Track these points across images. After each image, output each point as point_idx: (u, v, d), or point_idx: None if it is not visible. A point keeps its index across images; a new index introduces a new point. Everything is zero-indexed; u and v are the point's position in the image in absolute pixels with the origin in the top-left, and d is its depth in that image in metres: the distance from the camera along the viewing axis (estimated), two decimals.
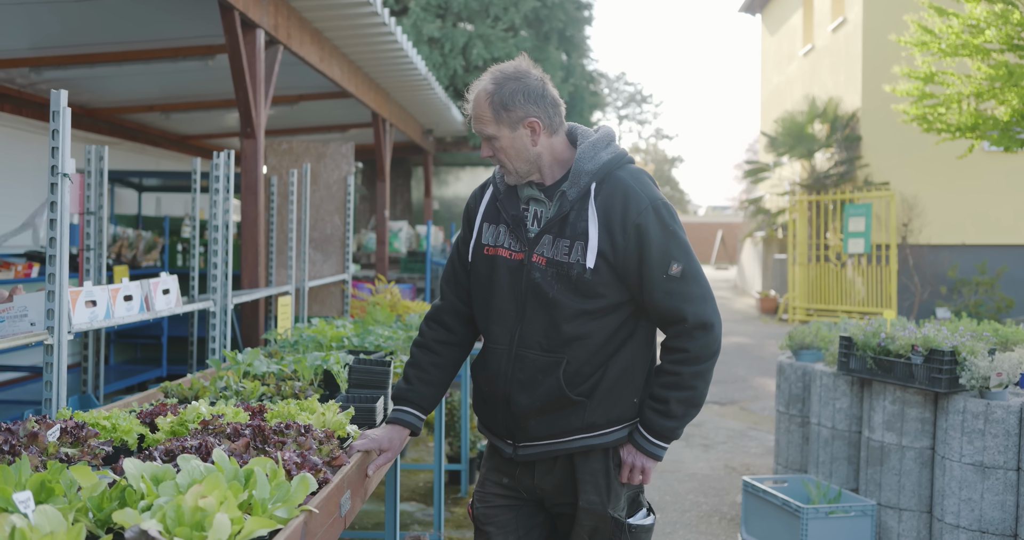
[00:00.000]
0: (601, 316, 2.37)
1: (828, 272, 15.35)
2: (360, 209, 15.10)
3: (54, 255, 2.76)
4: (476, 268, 2.52)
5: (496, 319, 2.45)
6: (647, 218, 2.34)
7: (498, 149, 2.40)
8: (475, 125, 2.42)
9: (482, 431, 2.63)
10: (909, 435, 4.51)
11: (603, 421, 2.40)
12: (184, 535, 1.48)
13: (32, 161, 8.13)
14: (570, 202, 2.37)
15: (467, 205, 2.64)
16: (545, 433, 2.42)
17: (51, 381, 2.76)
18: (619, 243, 2.33)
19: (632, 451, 2.43)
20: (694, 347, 2.36)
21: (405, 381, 2.59)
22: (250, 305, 5.49)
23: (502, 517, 2.55)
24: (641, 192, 2.37)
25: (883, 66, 14.05)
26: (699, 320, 2.35)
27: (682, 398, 2.38)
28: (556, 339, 2.37)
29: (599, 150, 2.43)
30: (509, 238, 2.45)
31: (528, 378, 2.39)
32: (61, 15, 5.71)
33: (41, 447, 2.06)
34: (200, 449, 1.96)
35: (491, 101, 2.37)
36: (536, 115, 2.38)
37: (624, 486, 2.46)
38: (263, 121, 5.46)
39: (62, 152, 2.73)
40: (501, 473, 2.56)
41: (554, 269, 2.37)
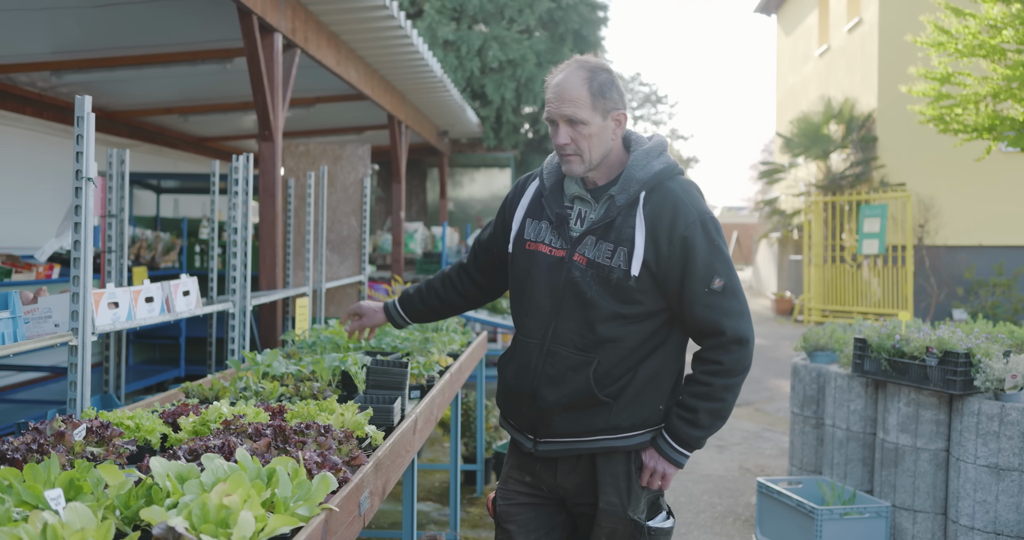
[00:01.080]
0: (636, 321, 2.40)
1: (844, 273, 15.31)
2: (376, 210, 15.16)
3: (78, 258, 2.81)
4: (515, 261, 2.55)
5: (531, 313, 2.48)
6: (695, 231, 2.37)
7: (584, 135, 2.38)
8: (564, 108, 2.38)
9: (503, 425, 2.66)
10: (924, 437, 4.52)
11: (628, 424, 2.42)
12: (210, 532, 1.52)
13: (53, 163, 8.21)
14: (618, 208, 2.39)
15: (508, 196, 2.67)
16: (569, 430, 2.44)
17: (75, 381, 2.81)
18: (664, 254, 2.36)
19: (655, 456, 2.46)
20: (728, 360, 2.40)
21: (416, 288, 2.93)
22: (268, 306, 5.54)
23: (524, 515, 2.56)
24: (691, 205, 2.40)
25: (899, 67, 14.01)
26: (736, 335, 2.39)
27: (711, 409, 2.41)
28: (590, 339, 2.39)
29: (652, 159, 2.45)
30: (551, 235, 2.48)
31: (558, 374, 2.42)
32: (82, 20, 5.79)
33: (68, 446, 2.11)
34: (223, 448, 2.00)
35: (589, 86, 2.37)
36: (623, 109, 2.42)
37: (644, 489, 2.48)
38: (281, 124, 5.51)
39: (86, 156, 2.78)
40: (523, 471, 2.57)
41: (594, 270, 2.40)
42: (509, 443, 2.67)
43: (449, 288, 2.87)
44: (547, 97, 2.44)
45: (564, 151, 2.42)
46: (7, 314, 2.69)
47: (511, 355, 2.55)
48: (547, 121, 2.45)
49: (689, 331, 2.47)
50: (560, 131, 2.40)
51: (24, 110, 7.68)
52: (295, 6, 5.71)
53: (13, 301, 2.73)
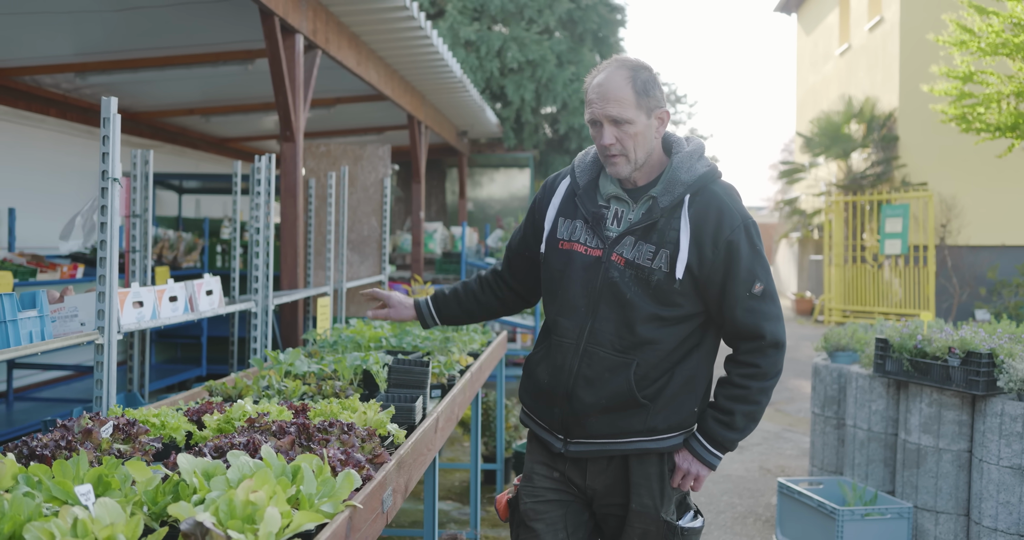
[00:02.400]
0: (674, 324, 2.39)
1: (865, 273, 15.23)
2: (395, 210, 15.21)
3: (104, 257, 2.84)
4: (548, 261, 2.53)
5: (566, 313, 2.45)
6: (739, 236, 2.37)
7: (630, 134, 2.36)
8: (610, 108, 2.34)
9: (527, 424, 2.62)
10: (946, 438, 4.49)
11: (664, 426, 2.41)
12: (236, 527, 1.54)
13: (76, 164, 8.29)
14: (661, 209, 2.37)
15: (537, 196, 2.64)
16: (604, 432, 2.42)
17: (102, 379, 2.84)
18: (707, 257, 2.36)
19: (689, 458, 2.45)
20: (765, 364, 2.40)
21: (452, 289, 2.85)
22: (289, 306, 5.57)
23: (553, 512, 2.53)
24: (735, 209, 2.40)
25: (921, 65, 13.92)
26: (775, 339, 2.40)
27: (746, 412, 2.42)
28: (629, 340, 2.38)
29: (694, 161, 2.43)
30: (586, 234, 2.45)
31: (595, 375, 2.39)
32: (105, 22, 5.84)
33: (95, 443, 2.14)
34: (248, 446, 2.03)
35: (633, 84, 2.34)
36: (666, 107, 2.41)
37: (674, 490, 2.47)
38: (302, 124, 5.54)
39: (112, 157, 2.81)
40: (551, 468, 2.53)
41: (633, 271, 2.38)
42: (529, 439, 2.64)
43: (488, 292, 2.84)
44: (589, 98, 2.39)
45: (609, 152, 2.38)
46: (34, 313, 2.72)
47: (543, 355, 2.52)
48: (590, 123, 2.41)
49: (726, 334, 2.47)
50: (605, 132, 2.37)
51: (49, 111, 7.76)
52: (316, 7, 5.74)
53: (40, 300, 2.76)
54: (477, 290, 2.84)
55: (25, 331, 2.66)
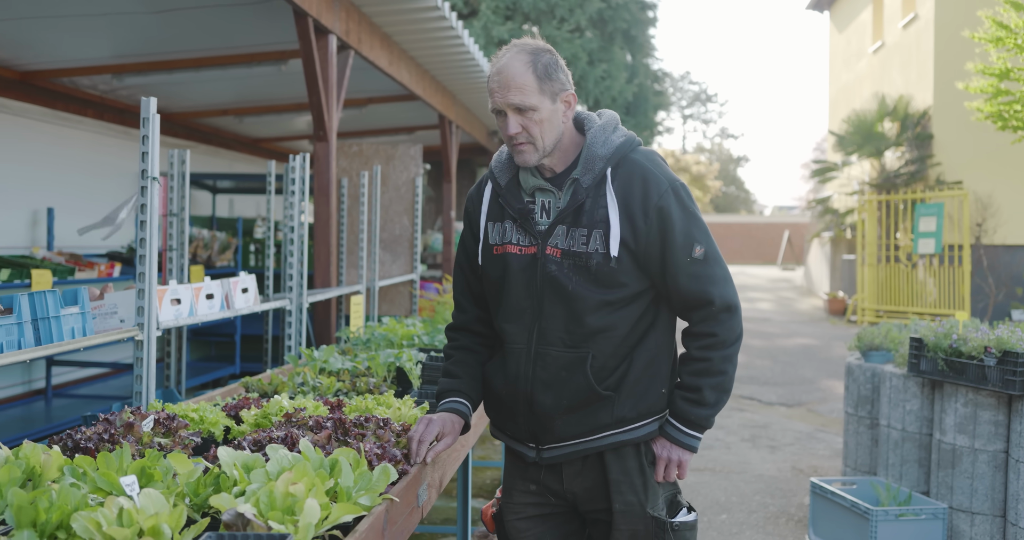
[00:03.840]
0: (623, 306, 2.28)
1: (898, 273, 15.08)
2: (426, 210, 15.27)
3: (143, 255, 2.89)
4: (486, 270, 2.39)
5: (511, 318, 2.34)
6: (668, 201, 2.25)
7: (536, 121, 2.24)
8: (511, 96, 2.22)
9: (497, 436, 2.50)
10: (982, 438, 4.45)
11: (633, 415, 2.29)
12: (277, 519, 1.57)
13: (113, 163, 8.42)
14: (585, 189, 2.26)
15: (466, 209, 2.50)
16: (573, 432, 2.30)
17: (141, 375, 2.89)
18: (641, 228, 2.24)
19: (666, 445, 2.33)
20: (721, 330, 2.29)
21: (450, 376, 2.48)
22: (322, 304, 5.62)
23: (535, 529, 2.43)
24: (660, 174, 2.28)
25: (956, 63, 13.76)
26: (725, 302, 2.28)
27: (714, 384, 2.30)
28: (579, 333, 2.26)
29: (609, 134, 2.32)
30: (517, 233, 2.33)
31: (552, 376, 2.28)
32: (142, 24, 5.93)
33: (137, 437, 2.18)
34: (286, 440, 2.06)
35: (534, 69, 2.23)
36: (571, 89, 2.30)
37: (661, 485, 2.35)
38: (335, 124, 5.59)
39: (151, 157, 2.86)
40: (527, 480, 2.42)
41: (571, 260, 2.26)
42: (505, 453, 2.52)
43: (484, 349, 2.53)
44: (490, 87, 2.27)
45: (516, 141, 2.26)
46: (76, 309, 2.78)
47: (500, 364, 2.39)
48: (493, 112, 2.29)
49: (674, 306, 2.35)
50: (509, 121, 2.24)
51: (86, 112, 7.88)
52: (349, 8, 5.79)
53: (82, 297, 2.82)
54: (475, 356, 2.51)
55: (67, 327, 2.71)
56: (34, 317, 2.57)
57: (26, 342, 2.51)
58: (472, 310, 2.51)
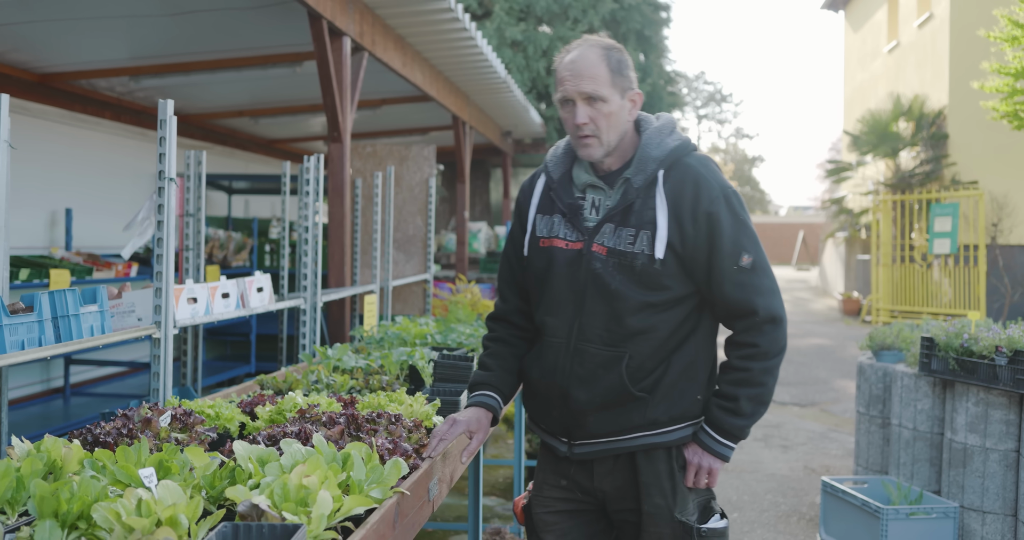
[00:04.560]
0: (665, 309, 2.26)
1: (913, 273, 15.03)
2: (440, 210, 15.34)
3: (161, 254, 2.95)
4: (532, 261, 2.40)
5: (553, 311, 2.34)
6: (719, 207, 2.24)
7: (604, 114, 2.26)
8: (584, 85, 2.24)
9: (532, 429, 2.53)
10: (993, 437, 4.46)
11: (666, 418, 2.29)
12: (290, 510, 1.61)
13: (130, 164, 8.50)
14: (635, 190, 2.26)
15: (517, 200, 2.52)
16: (604, 430, 2.30)
17: (158, 372, 2.94)
18: (689, 233, 2.23)
19: (698, 451, 2.32)
20: (764, 342, 2.27)
21: (484, 368, 2.50)
22: (336, 303, 5.68)
23: (563, 524, 2.43)
24: (712, 180, 2.28)
25: (971, 62, 13.71)
26: (769, 314, 2.26)
27: (752, 395, 2.28)
28: (618, 333, 2.26)
29: (664, 136, 2.33)
30: (565, 228, 2.34)
31: (588, 373, 2.28)
32: (159, 27, 6.00)
33: (154, 432, 2.23)
34: (300, 434, 2.10)
35: (608, 62, 2.26)
36: (637, 89, 2.32)
37: (693, 490, 2.34)
38: (349, 125, 5.64)
39: (168, 158, 2.91)
40: (558, 475, 2.43)
41: (616, 259, 2.26)
42: (540, 448, 2.54)
43: (519, 343, 2.53)
44: (561, 76, 2.29)
45: (582, 132, 2.27)
46: (95, 308, 2.83)
47: (537, 356, 2.41)
48: (560, 102, 2.30)
49: (719, 314, 2.34)
50: (578, 110, 2.26)
51: (103, 114, 7.96)
52: (363, 10, 5.84)
53: (101, 296, 2.87)
54: (511, 349, 2.53)
55: (87, 325, 2.77)
56: (54, 315, 2.62)
57: (47, 339, 2.57)
58: (514, 301, 2.52)
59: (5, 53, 6.39)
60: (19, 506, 1.72)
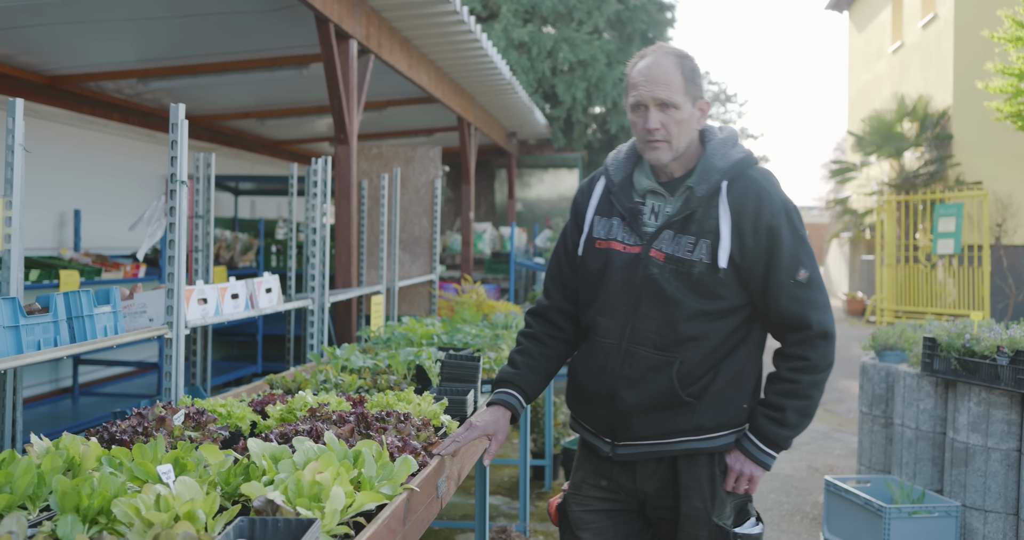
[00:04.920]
0: (718, 318, 2.31)
1: (917, 273, 15.05)
2: (445, 211, 15.38)
3: (172, 256, 2.99)
4: (586, 262, 2.44)
5: (606, 312, 2.38)
6: (780, 221, 2.29)
7: (676, 120, 2.29)
8: (658, 91, 2.28)
9: (575, 429, 2.56)
10: (995, 437, 4.49)
11: (711, 424, 2.32)
12: (304, 505, 1.66)
13: (138, 166, 8.56)
14: (698, 199, 2.30)
15: (575, 200, 2.55)
16: (650, 432, 2.34)
17: (170, 372, 2.99)
18: (749, 244, 2.28)
19: (740, 458, 2.35)
20: (815, 356, 2.31)
21: (511, 365, 2.53)
22: (343, 304, 5.72)
23: (601, 523, 2.47)
24: (775, 194, 2.32)
25: (975, 63, 13.73)
26: (822, 328, 2.31)
27: (798, 407, 2.32)
28: (671, 338, 2.29)
29: (728, 148, 2.37)
30: (623, 231, 2.38)
31: (638, 375, 2.32)
32: (167, 29, 6.05)
33: (168, 430, 2.28)
34: (311, 433, 2.15)
35: (682, 69, 2.30)
36: (707, 99, 2.37)
37: (729, 495, 2.38)
38: (356, 127, 5.69)
39: (180, 161, 2.96)
40: (599, 475, 2.46)
41: (673, 265, 2.30)
42: (579, 447, 2.57)
43: (553, 343, 2.57)
44: (634, 81, 2.32)
45: (653, 136, 2.30)
46: (108, 308, 2.88)
47: (586, 357, 2.44)
48: (631, 106, 2.33)
49: (771, 326, 2.38)
50: (651, 115, 2.29)
51: (111, 116, 8.02)
52: (369, 13, 5.89)
53: (114, 297, 2.92)
54: (543, 349, 2.56)
55: (100, 326, 2.82)
56: (69, 315, 2.67)
57: (61, 340, 2.62)
58: (556, 298, 2.56)
59: (15, 56, 6.45)
60: (40, 501, 1.77)
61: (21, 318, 2.46)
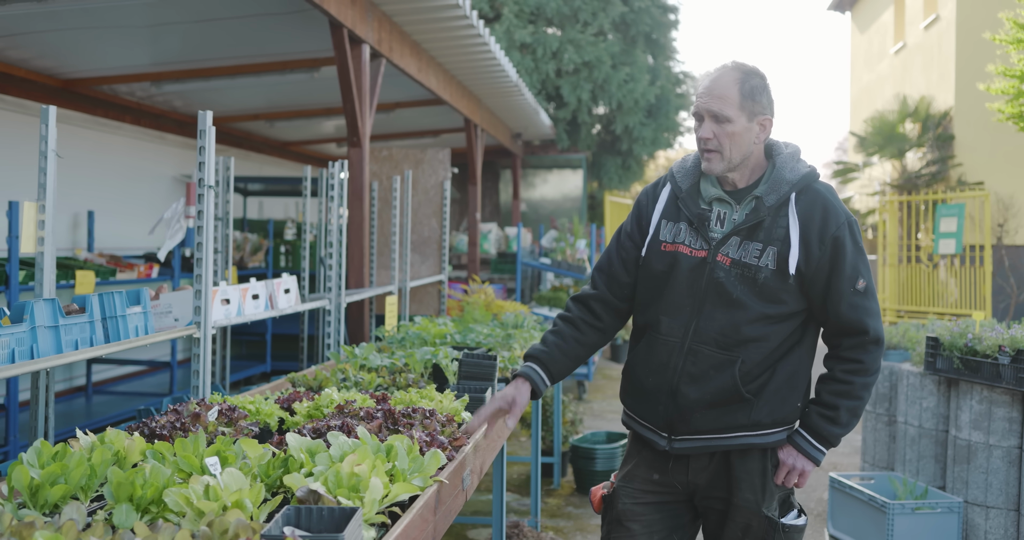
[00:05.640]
0: (779, 321, 2.44)
1: (919, 274, 15.13)
2: (451, 211, 15.48)
3: (200, 258, 3.09)
4: (650, 263, 2.56)
5: (670, 312, 2.50)
6: (844, 232, 2.43)
7: (727, 133, 2.43)
8: (712, 103, 2.43)
9: (629, 425, 2.67)
10: (996, 434, 4.59)
11: (768, 421, 2.45)
12: (344, 495, 1.76)
13: (149, 168, 8.66)
14: (767, 208, 2.43)
15: (638, 202, 2.68)
16: (708, 427, 2.47)
17: (199, 370, 3.09)
18: (814, 254, 2.41)
19: (793, 453, 2.48)
20: (868, 359, 2.46)
21: (542, 343, 2.65)
22: (356, 304, 5.82)
23: (650, 515, 2.58)
24: (839, 207, 2.46)
25: (977, 64, 13.82)
26: (877, 334, 2.46)
27: (850, 407, 2.46)
28: (734, 338, 2.43)
29: (795, 162, 2.51)
30: (690, 235, 2.50)
31: (700, 372, 2.44)
32: (181, 34, 6.15)
33: (203, 425, 2.37)
34: (343, 428, 2.25)
35: (741, 86, 2.43)
36: (770, 116, 2.48)
37: (778, 488, 2.50)
38: (368, 130, 5.79)
39: (208, 166, 3.06)
40: (651, 469, 2.58)
41: (739, 270, 2.43)
42: (631, 442, 2.69)
43: (588, 329, 2.68)
44: (698, 92, 2.48)
45: (705, 146, 2.46)
46: (139, 309, 2.98)
47: (646, 354, 2.55)
48: (694, 116, 2.49)
49: (828, 330, 2.52)
50: (704, 125, 2.45)
51: (124, 118, 8.13)
52: (381, 18, 5.99)
53: (144, 297, 3.02)
54: (576, 334, 2.67)
55: (132, 325, 2.92)
56: (103, 316, 2.77)
57: (97, 339, 2.72)
58: (601, 290, 2.67)
59: (31, 59, 6.55)
60: (91, 492, 1.87)
61: (60, 318, 2.56)
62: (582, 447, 5.86)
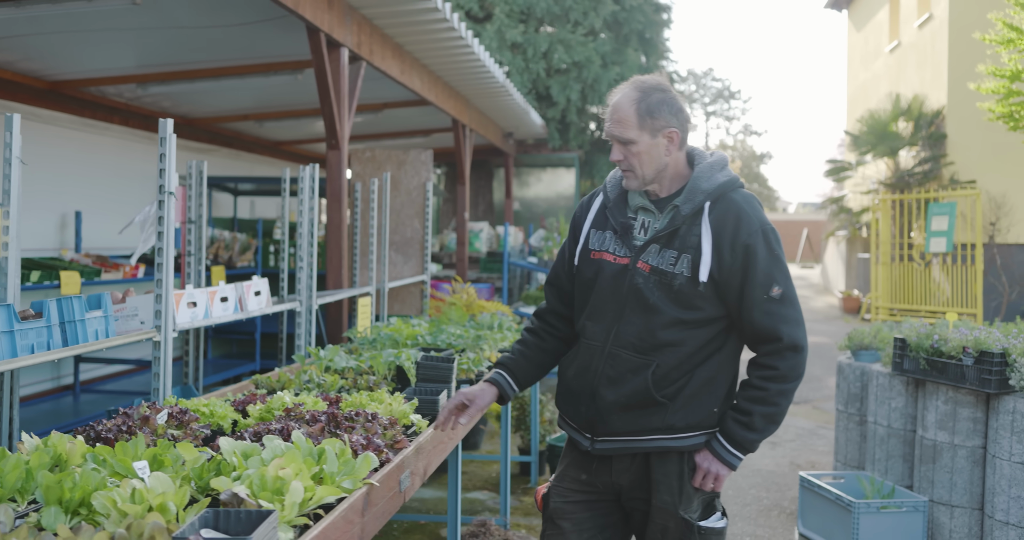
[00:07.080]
0: (695, 327, 2.49)
1: (912, 272, 15.17)
2: (443, 210, 15.53)
3: (161, 262, 3.16)
4: (581, 270, 2.66)
5: (594, 317, 2.59)
6: (756, 240, 2.48)
7: (633, 153, 2.51)
8: (613, 128, 2.53)
9: (561, 426, 2.75)
10: (961, 434, 4.64)
11: (682, 425, 2.50)
12: (267, 498, 1.82)
13: (138, 168, 8.73)
14: (683, 217, 2.50)
15: (574, 214, 2.78)
16: (625, 429, 2.52)
17: (159, 373, 3.15)
18: (726, 261, 2.47)
19: (708, 457, 2.53)
20: (783, 366, 2.49)
21: (511, 352, 2.80)
22: (335, 304, 5.89)
23: (579, 514, 2.65)
24: (753, 216, 2.51)
25: (970, 63, 13.84)
26: (792, 341, 2.49)
27: (765, 413, 2.50)
28: (650, 342, 2.49)
29: (715, 172, 2.56)
30: (615, 244, 2.59)
31: (617, 375, 2.51)
32: (165, 39, 6.21)
33: (152, 428, 2.44)
34: (282, 431, 2.31)
35: (637, 107, 2.50)
36: (675, 127, 2.53)
37: (697, 491, 2.55)
38: (347, 133, 5.85)
39: (168, 173, 3.12)
40: (580, 469, 2.66)
41: (657, 277, 2.50)
42: (566, 442, 2.78)
43: (549, 337, 2.81)
44: (605, 117, 2.59)
45: (620, 167, 2.58)
46: (100, 313, 3.05)
47: (574, 357, 2.65)
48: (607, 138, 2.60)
49: (746, 337, 2.57)
50: (614, 149, 2.55)
51: (112, 119, 8.19)
52: (360, 21, 6.04)
53: (105, 301, 3.08)
54: (539, 342, 2.81)
55: (91, 329, 2.98)
56: (61, 320, 2.83)
57: (54, 343, 2.78)
58: (553, 303, 2.81)
59: (17, 62, 6.62)
60: (28, 495, 1.94)
61: (15, 323, 2.62)
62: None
